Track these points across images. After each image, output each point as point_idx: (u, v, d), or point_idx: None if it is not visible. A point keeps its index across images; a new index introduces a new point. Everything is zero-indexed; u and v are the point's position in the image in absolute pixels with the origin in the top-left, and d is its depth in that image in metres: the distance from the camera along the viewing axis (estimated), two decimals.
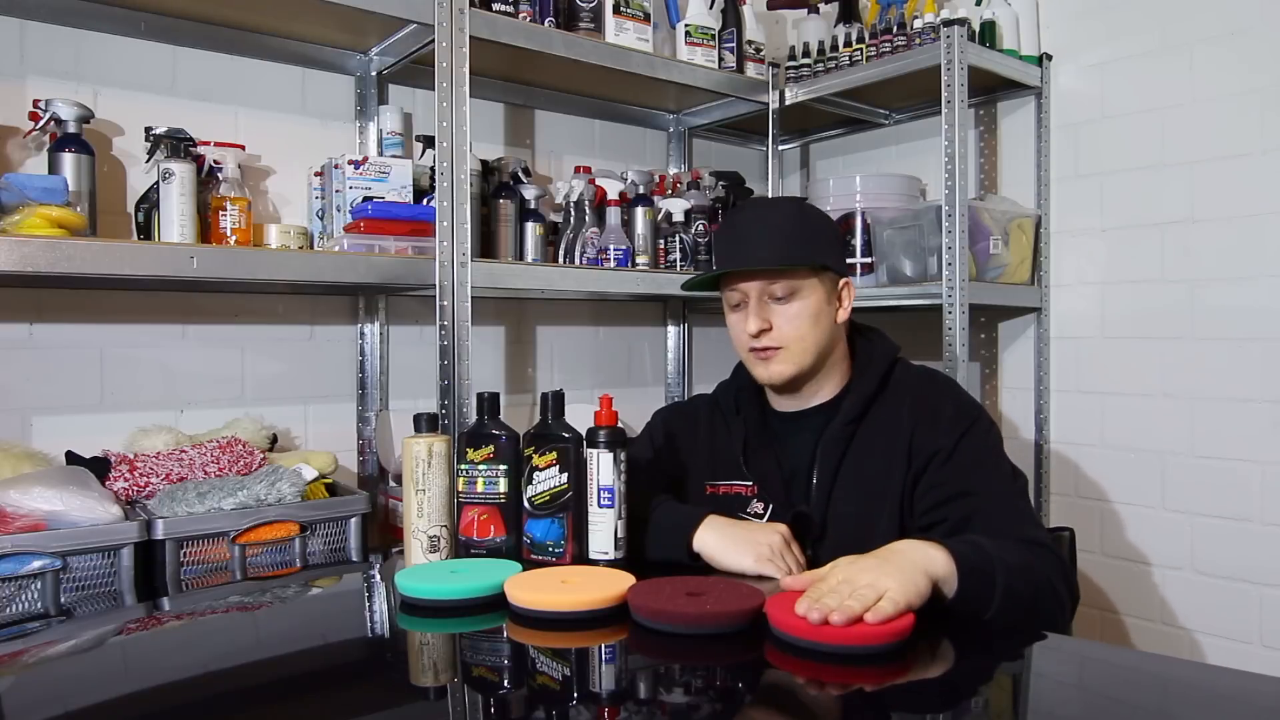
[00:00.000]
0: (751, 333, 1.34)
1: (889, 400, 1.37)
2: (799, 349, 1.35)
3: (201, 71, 1.89)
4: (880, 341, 1.45)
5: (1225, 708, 0.84)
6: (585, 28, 2.04)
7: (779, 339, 1.34)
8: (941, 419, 1.32)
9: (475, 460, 1.24)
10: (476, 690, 0.89)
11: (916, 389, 1.38)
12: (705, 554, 1.23)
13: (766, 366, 1.36)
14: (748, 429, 1.44)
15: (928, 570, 1.01)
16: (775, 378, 1.36)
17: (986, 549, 1.10)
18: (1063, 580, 1.18)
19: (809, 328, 1.35)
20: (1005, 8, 2.24)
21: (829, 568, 1.02)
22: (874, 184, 2.36)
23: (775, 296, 1.34)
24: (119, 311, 1.81)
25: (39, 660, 1.03)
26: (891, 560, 1.01)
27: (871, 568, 0.98)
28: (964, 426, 1.31)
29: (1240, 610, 1.96)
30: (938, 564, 1.03)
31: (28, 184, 1.45)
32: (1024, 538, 1.19)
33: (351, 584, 1.51)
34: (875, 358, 1.41)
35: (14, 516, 1.39)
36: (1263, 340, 1.93)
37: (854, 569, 0.98)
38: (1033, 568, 1.14)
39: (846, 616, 0.89)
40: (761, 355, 1.36)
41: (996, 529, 1.19)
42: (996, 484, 1.29)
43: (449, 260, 1.78)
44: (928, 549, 1.04)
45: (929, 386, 1.39)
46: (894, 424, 1.34)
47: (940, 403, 1.35)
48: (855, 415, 1.36)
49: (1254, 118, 1.94)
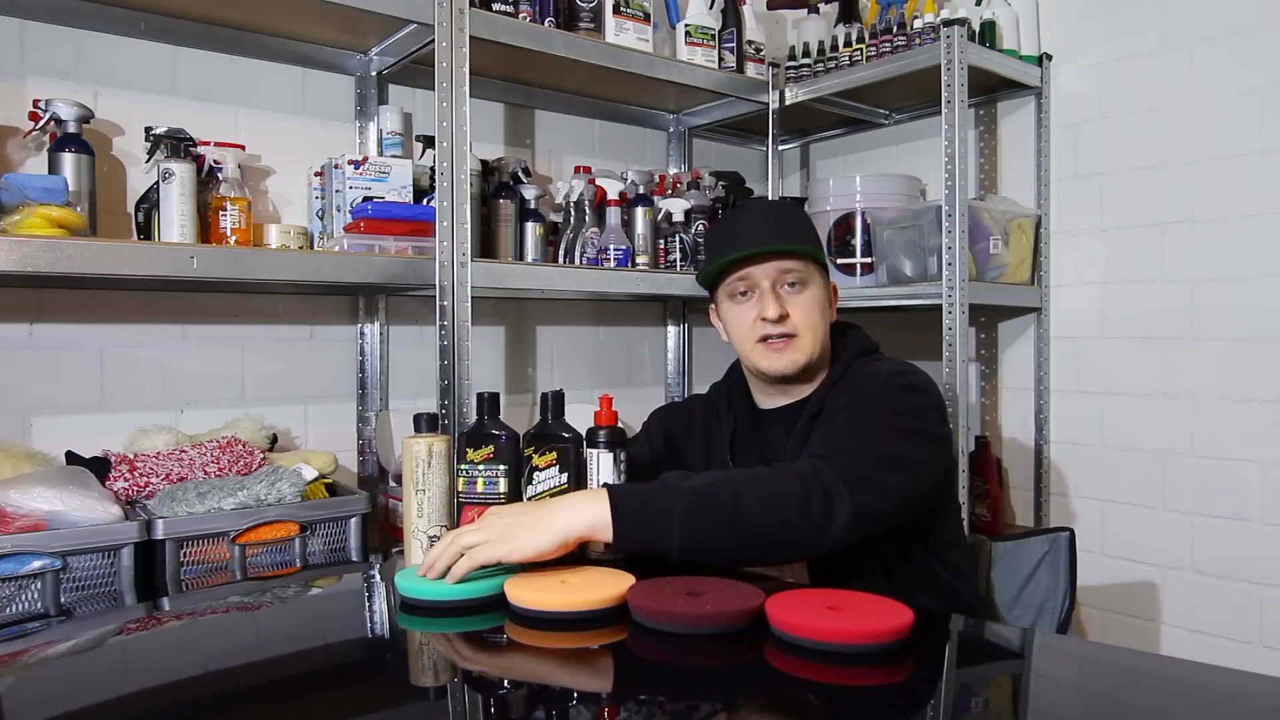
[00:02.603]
0: (771, 316, 1.33)
1: (843, 388, 1.35)
2: (811, 338, 1.35)
3: (201, 71, 1.89)
4: (854, 339, 1.45)
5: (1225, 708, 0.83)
6: (585, 28, 2.04)
7: (795, 326, 1.34)
8: (864, 380, 1.31)
9: (475, 460, 1.24)
10: (476, 690, 0.89)
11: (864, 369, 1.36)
12: None
13: (780, 356, 1.35)
14: (737, 424, 1.46)
15: (562, 528, 1.05)
16: (790, 367, 1.35)
17: (670, 488, 1.08)
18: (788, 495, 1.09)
19: (819, 317, 1.37)
20: (1005, 8, 2.24)
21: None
22: (874, 184, 2.36)
23: (789, 283, 1.35)
24: (119, 311, 1.81)
25: (39, 660, 1.03)
26: (521, 516, 1.07)
27: (485, 525, 1.06)
28: (876, 385, 1.29)
29: (1240, 610, 1.96)
30: (580, 520, 1.06)
31: (28, 184, 1.45)
32: (812, 454, 1.17)
33: (351, 584, 1.51)
34: (844, 354, 1.41)
35: (14, 516, 1.38)
36: (1263, 340, 1.93)
37: (471, 525, 1.08)
38: (731, 486, 1.08)
39: (431, 572, 1.05)
40: (772, 346, 1.35)
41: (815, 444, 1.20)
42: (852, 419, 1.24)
43: (449, 260, 1.78)
44: (581, 504, 1.07)
45: (876, 363, 1.38)
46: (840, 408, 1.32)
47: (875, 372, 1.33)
48: (818, 409, 1.36)
49: (1254, 118, 1.94)
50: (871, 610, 0.93)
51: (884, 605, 0.94)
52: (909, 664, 0.90)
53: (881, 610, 0.93)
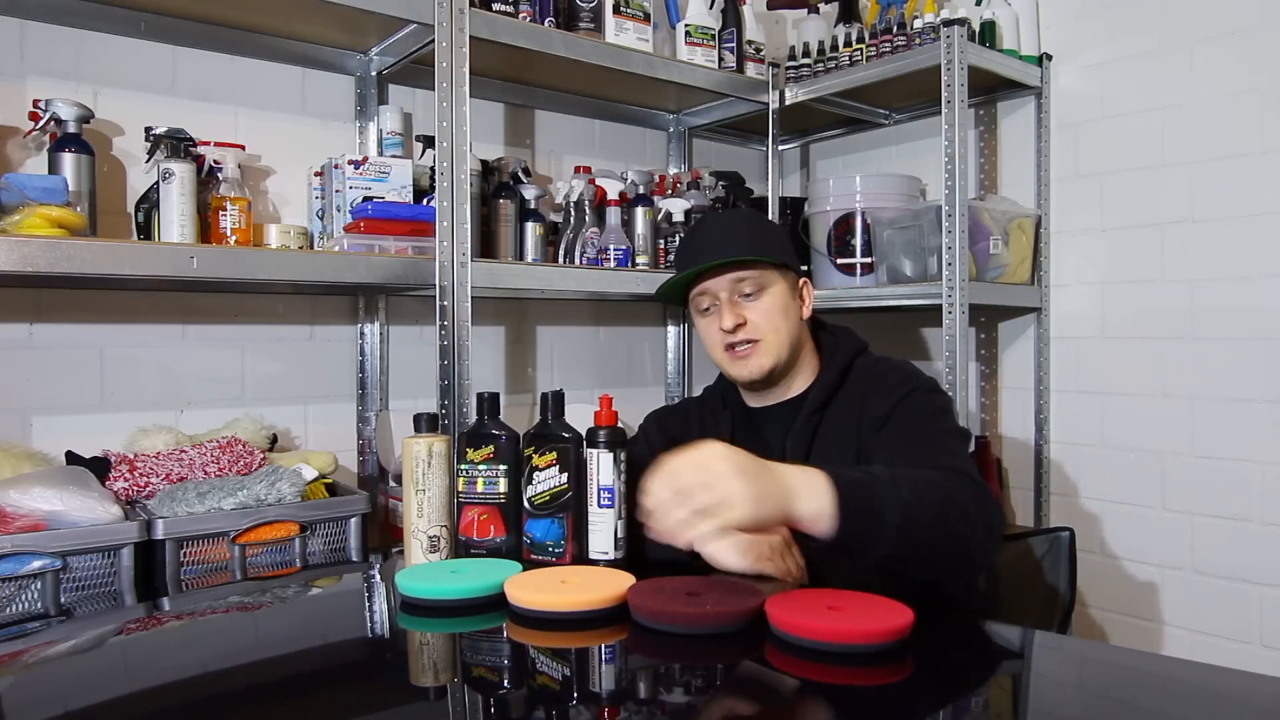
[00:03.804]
0: (727, 328, 1.38)
1: (850, 388, 1.41)
2: (774, 341, 1.39)
3: (201, 71, 1.89)
4: (846, 337, 1.49)
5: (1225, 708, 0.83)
6: (585, 28, 2.04)
7: (754, 331, 1.39)
8: (884, 386, 1.36)
9: (475, 460, 1.24)
10: (476, 690, 0.89)
11: (871, 370, 1.42)
12: (705, 553, 1.23)
13: (745, 364, 1.40)
14: (734, 422, 1.49)
15: (788, 509, 1.07)
16: (755, 372, 1.40)
17: (881, 476, 1.12)
18: (976, 503, 1.16)
19: (780, 319, 1.40)
20: (1005, 8, 2.24)
21: None
22: (874, 184, 2.37)
23: (744, 293, 1.39)
24: (119, 311, 1.81)
25: (39, 660, 1.03)
26: (754, 480, 1.06)
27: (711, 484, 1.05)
28: (903, 391, 1.35)
29: (1240, 610, 1.96)
30: (808, 506, 1.07)
31: (28, 184, 1.45)
32: (937, 464, 1.20)
33: (351, 584, 1.51)
34: (840, 351, 1.45)
35: (14, 516, 1.39)
36: (1263, 340, 1.93)
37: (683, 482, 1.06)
38: (937, 485, 1.14)
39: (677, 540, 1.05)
40: (738, 354, 1.40)
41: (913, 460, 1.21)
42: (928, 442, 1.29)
43: (449, 260, 1.78)
44: (808, 478, 1.08)
45: (881, 364, 1.44)
46: (853, 407, 1.38)
47: (886, 373, 1.39)
48: (818, 405, 1.40)
49: (1254, 118, 1.94)
50: (871, 610, 0.93)
51: (884, 605, 0.94)
52: (909, 664, 0.90)
53: (881, 610, 0.93)
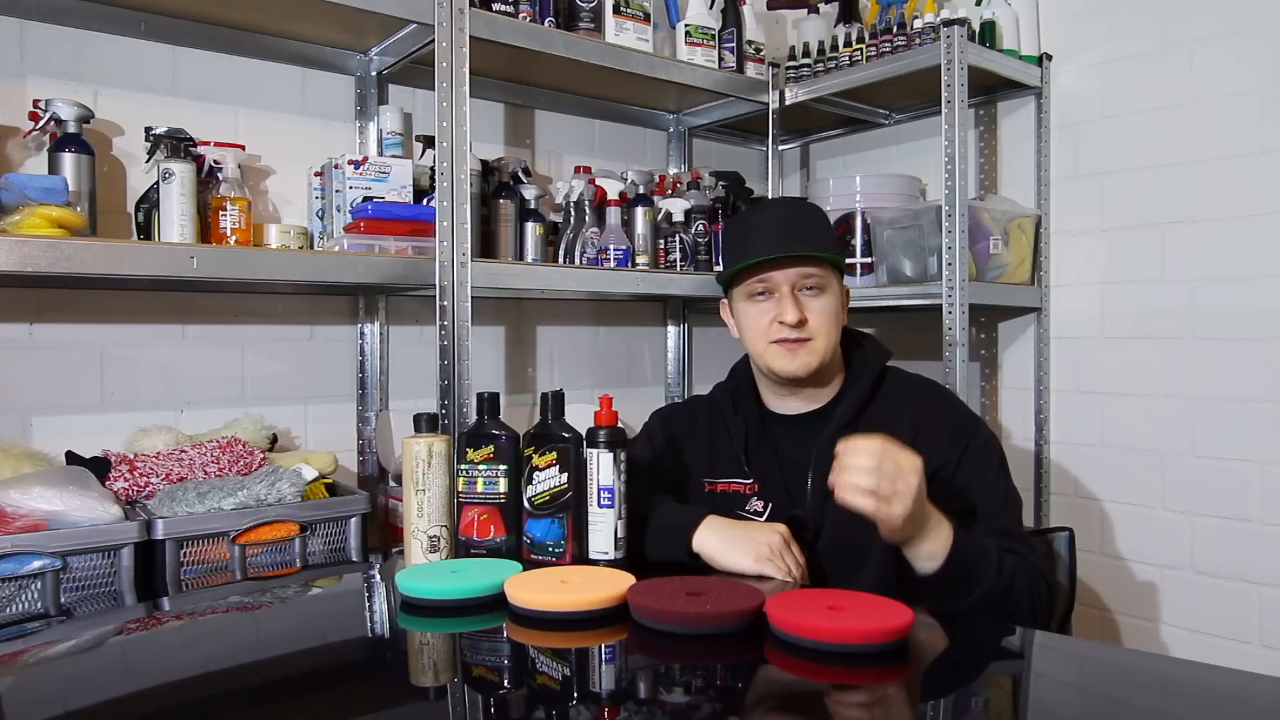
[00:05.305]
0: (790, 320, 1.34)
1: (884, 407, 1.39)
2: (824, 343, 1.36)
3: (201, 71, 1.89)
4: (873, 347, 1.46)
5: (1225, 708, 0.83)
6: (585, 28, 2.04)
7: (811, 330, 1.35)
8: (942, 434, 1.34)
9: (475, 460, 1.24)
10: (476, 690, 0.89)
11: (915, 398, 1.40)
12: (705, 554, 1.23)
13: (794, 357, 1.36)
14: (748, 427, 1.44)
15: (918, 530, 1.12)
16: (802, 369, 1.36)
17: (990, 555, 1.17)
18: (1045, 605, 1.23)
19: (833, 322, 1.38)
20: (1005, 8, 2.24)
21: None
22: (874, 184, 2.36)
23: (807, 287, 1.36)
24: (119, 311, 1.81)
25: (39, 660, 1.03)
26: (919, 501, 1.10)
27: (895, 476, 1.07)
28: (963, 443, 1.34)
29: (1240, 610, 1.96)
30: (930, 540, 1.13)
31: (28, 184, 1.45)
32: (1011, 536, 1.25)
33: (351, 584, 1.51)
34: (869, 363, 1.42)
35: (14, 516, 1.38)
36: (1263, 340, 1.93)
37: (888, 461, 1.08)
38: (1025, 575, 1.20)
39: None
40: (790, 346, 1.36)
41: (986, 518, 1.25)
42: (994, 503, 1.32)
43: (449, 260, 1.78)
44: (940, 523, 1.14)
45: (930, 395, 1.41)
46: (887, 425, 1.30)
47: (940, 415, 1.37)
48: (849, 420, 1.37)
49: (1254, 118, 1.94)
50: (871, 610, 0.93)
51: (884, 605, 0.94)
52: (909, 664, 0.90)
53: (881, 610, 0.93)
